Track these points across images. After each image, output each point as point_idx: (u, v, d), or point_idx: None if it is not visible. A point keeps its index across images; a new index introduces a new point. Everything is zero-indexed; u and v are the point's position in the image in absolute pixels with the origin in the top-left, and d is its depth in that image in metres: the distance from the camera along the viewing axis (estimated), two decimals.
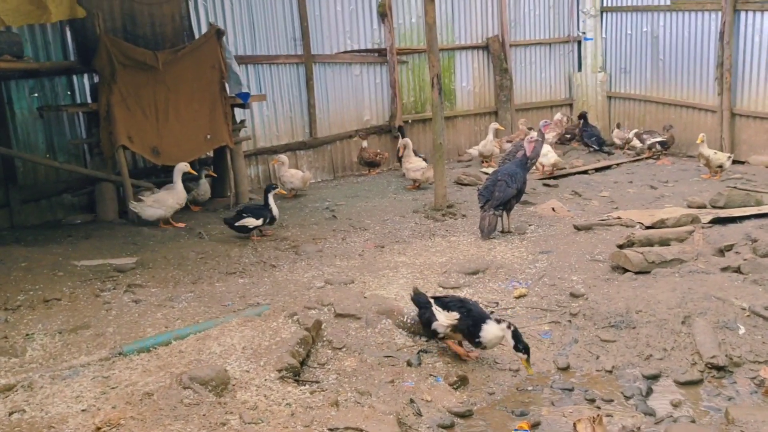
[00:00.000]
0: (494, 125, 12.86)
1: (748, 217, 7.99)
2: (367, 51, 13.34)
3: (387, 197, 11.03)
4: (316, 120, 12.78)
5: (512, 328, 5.05)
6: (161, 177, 10.38)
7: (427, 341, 5.66)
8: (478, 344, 5.18)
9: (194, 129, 9.95)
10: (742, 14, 12.20)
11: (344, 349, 5.47)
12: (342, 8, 12.92)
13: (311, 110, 12.67)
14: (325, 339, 5.59)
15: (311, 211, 10.25)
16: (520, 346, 5.01)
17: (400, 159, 12.05)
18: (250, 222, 8.65)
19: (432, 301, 5.46)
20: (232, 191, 10.92)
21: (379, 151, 13.07)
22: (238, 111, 11.12)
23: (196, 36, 10.37)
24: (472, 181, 11.59)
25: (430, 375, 5.17)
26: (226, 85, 10.34)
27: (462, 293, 6.65)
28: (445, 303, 5.34)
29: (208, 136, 10.09)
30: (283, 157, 11.20)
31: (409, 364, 5.32)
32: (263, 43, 12.16)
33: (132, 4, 9.62)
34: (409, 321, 5.86)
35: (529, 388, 5.00)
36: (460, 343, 5.43)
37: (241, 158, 10.98)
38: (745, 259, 6.52)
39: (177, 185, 9.23)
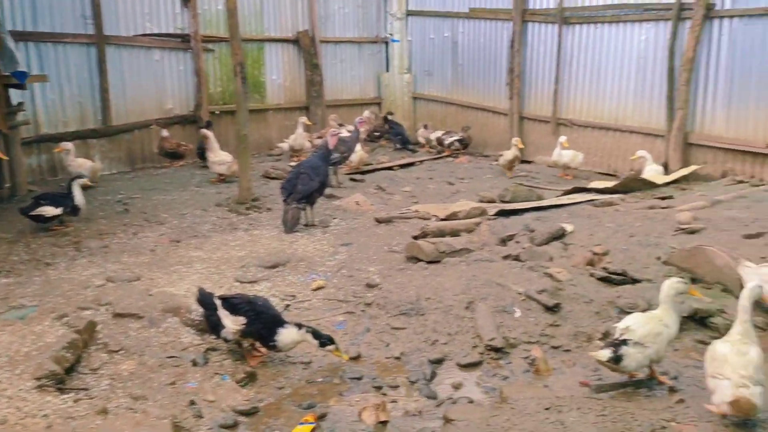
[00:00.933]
0: (303, 119, 12.77)
1: (529, 210, 8.68)
2: (168, 36, 12.60)
3: (188, 190, 10.48)
4: (111, 106, 11.81)
5: (309, 330, 4.94)
6: None
7: (216, 338, 5.37)
8: (273, 347, 5.00)
9: None
10: (530, 25, 13.30)
11: (122, 352, 5.01)
12: None
13: (104, 95, 11.68)
14: (100, 341, 5.09)
15: (101, 204, 9.42)
16: (325, 341, 4.92)
17: (201, 152, 11.54)
18: (48, 211, 7.70)
19: (219, 303, 5.09)
20: (8, 182, 9.71)
21: (182, 142, 12.40)
22: (15, 93, 9.89)
23: None
24: (279, 174, 11.38)
25: (216, 374, 4.90)
26: None
27: (259, 287, 6.45)
28: (234, 305, 5.01)
29: None
30: (68, 144, 10.16)
31: (194, 363, 5.00)
32: (46, 18, 10.98)
33: None
34: (197, 318, 5.52)
35: (319, 380, 4.92)
36: (252, 346, 5.18)
37: (18, 145, 9.79)
38: (523, 248, 7.02)
39: None
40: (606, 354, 4.50)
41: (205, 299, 5.16)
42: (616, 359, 4.45)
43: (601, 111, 12.44)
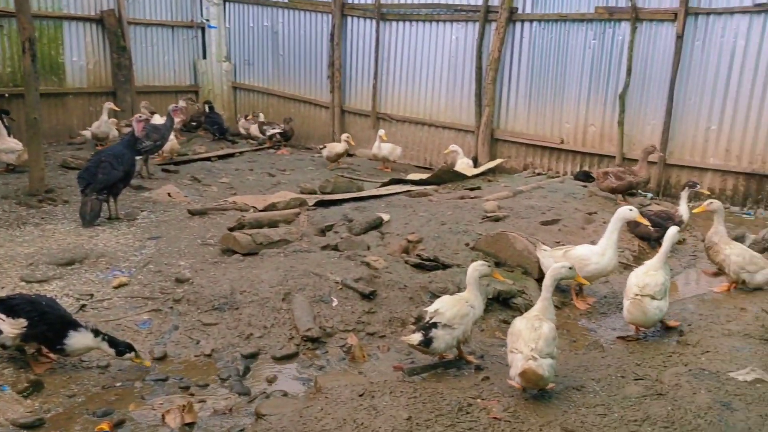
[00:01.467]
0: (108, 104, 11.80)
1: (348, 201, 8.72)
2: None
3: None
4: None
5: (106, 338, 4.48)
6: None
7: None
8: (62, 351, 4.47)
9: None
10: (349, 19, 13.43)
11: None
12: None
13: None
14: None
15: None
16: (122, 349, 4.48)
17: None
18: None
19: None
20: None
21: None
22: None
23: None
24: (80, 164, 10.36)
25: None
26: None
27: (50, 287, 5.79)
28: (12, 306, 4.41)
29: None
30: None
31: None
32: None
33: None
34: None
35: (118, 384, 4.49)
36: (38, 351, 4.60)
37: None
38: (342, 238, 7.01)
39: None
40: (417, 338, 4.61)
41: None
42: (427, 342, 4.58)
43: (417, 107, 12.91)
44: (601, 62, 10.68)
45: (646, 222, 6.34)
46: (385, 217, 7.74)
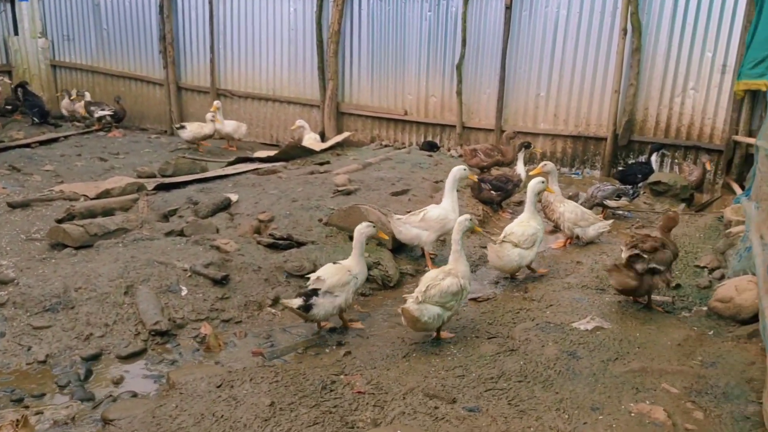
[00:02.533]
0: None
1: (192, 183, 8.27)
2: None
3: None
4: None
5: None
6: None
7: None
8: None
9: None
10: None
11: None
12: None
13: None
14: None
15: None
16: None
17: None
18: None
19: None
20: None
21: None
22: None
23: None
24: None
25: None
26: None
27: None
28: None
29: None
30: None
31: None
32: None
33: None
34: None
35: None
36: None
37: None
38: (187, 222, 6.63)
39: None
40: (297, 302, 4.66)
41: None
42: (307, 308, 4.66)
43: (259, 82, 12.52)
44: (438, 34, 10.94)
45: (475, 179, 6.87)
46: (233, 197, 7.43)
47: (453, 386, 4.03)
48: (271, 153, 10.30)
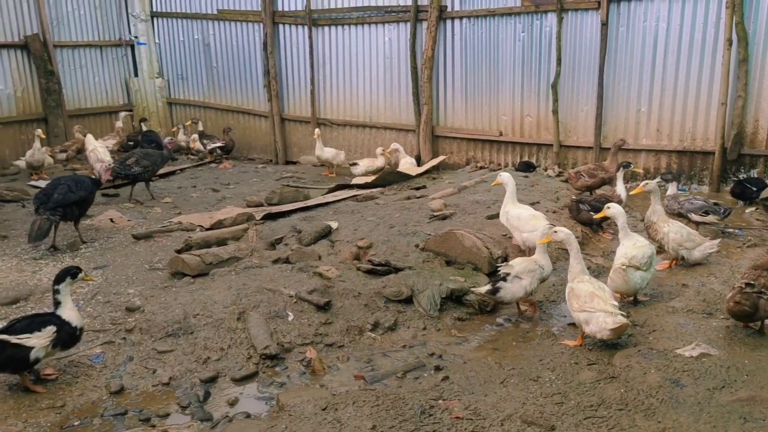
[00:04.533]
0: (38, 132, 11.47)
1: (296, 211, 8.69)
2: None
3: None
4: None
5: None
6: None
7: None
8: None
9: None
10: (281, 27, 13.35)
11: None
12: None
13: None
14: None
15: None
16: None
17: None
18: None
19: None
20: None
21: None
22: None
23: None
24: (17, 196, 10.08)
25: None
26: None
27: None
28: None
29: None
30: None
31: None
32: None
33: None
34: None
35: (76, 423, 4.39)
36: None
37: None
38: (292, 250, 6.99)
39: None
40: (485, 288, 5.68)
41: None
42: (494, 291, 5.61)
43: (357, 110, 12.95)
44: (532, 54, 10.92)
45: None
46: (334, 224, 7.76)
47: (551, 413, 4.06)
48: (369, 179, 10.62)
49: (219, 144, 13.16)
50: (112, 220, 8.74)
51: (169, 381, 4.89)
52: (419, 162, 11.72)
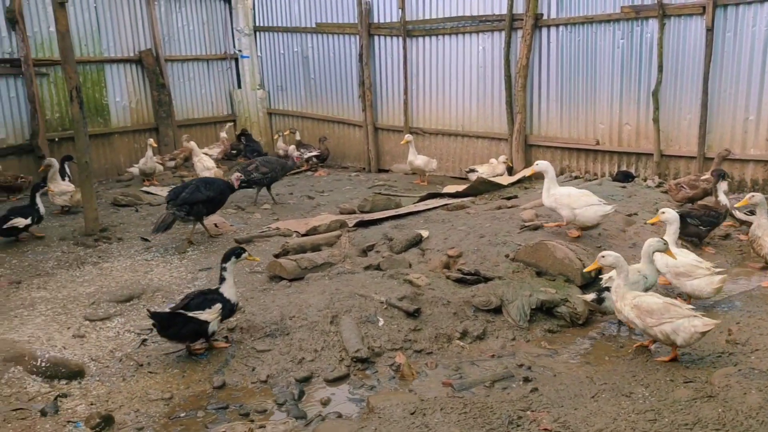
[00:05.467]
0: (150, 141, 12.28)
1: (387, 219, 8.88)
2: None
3: None
4: None
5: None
6: None
7: (67, 383, 5.03)
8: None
9: None
10: (376, 38, 13.66)
11: None
12: None
13: None
14: None
15: None
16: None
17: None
18: (20, 222, 8.44)
19: None
20: None
21: (20, 174, 11.44)
22: None
23: None
24: (131, 201, 10.83)
25: (69, 422, 4.57)
26: None
27: (112, 324, 6.11)
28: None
29: None
30: None
31: (43, 413, 4.65)
32: None
33: None
34: (44, 364, 5.13)
35: (182, 415, 4.72)
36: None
37: None
38: (383, 257, 7.17)
39: None
40: (591, 296, 5.78)
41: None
42: (599, 301, 5.73)
43: (449, 119, 13.03)
44: (632, 61, 10.63)
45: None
46: (425, 233, 7.88)
47: (643, 430, 3.99)
48: (460, 188, 10.66)
49: (315, 153, 13.60)
50: (216, 225, 9.24)
51: (266, 379, 5.16)
52: (511, 172, 11.65)
